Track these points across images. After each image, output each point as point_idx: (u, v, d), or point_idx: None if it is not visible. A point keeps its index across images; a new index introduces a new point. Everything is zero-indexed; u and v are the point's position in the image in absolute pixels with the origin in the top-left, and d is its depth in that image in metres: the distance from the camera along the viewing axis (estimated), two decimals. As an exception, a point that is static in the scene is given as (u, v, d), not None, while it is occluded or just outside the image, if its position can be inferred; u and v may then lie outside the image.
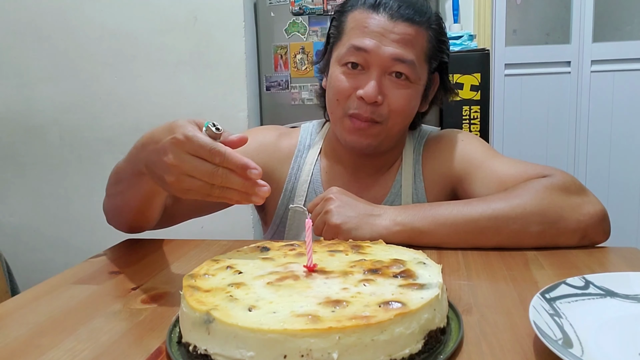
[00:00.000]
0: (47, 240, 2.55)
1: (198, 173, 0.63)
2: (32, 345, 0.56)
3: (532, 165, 0.91)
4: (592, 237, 0.82)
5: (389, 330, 0.45)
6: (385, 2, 0.92)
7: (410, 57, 0.92)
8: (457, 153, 1.00)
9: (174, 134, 0.64)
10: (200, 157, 0.63)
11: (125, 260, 0.85)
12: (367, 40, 0.91)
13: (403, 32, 0.91)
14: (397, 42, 0.91)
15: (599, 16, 2.69)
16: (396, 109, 0.94)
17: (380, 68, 0.92)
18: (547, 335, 0.47)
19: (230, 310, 0.48)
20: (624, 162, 2.73)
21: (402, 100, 0.94)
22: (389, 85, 0.93)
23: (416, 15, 0.93)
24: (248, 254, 0.65)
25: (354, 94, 0.93)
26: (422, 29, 0.94)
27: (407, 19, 0.92)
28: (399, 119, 0.96)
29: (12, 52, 2.45)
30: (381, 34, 0.91)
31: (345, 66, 0.94)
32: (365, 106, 0.92)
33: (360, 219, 0.82)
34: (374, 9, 0.93)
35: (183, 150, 0.63)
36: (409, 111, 0.97)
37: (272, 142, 1.07)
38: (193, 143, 0.63)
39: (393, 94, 0.93)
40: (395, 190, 1.02)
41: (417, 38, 0.93)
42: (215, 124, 0.66)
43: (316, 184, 1.04)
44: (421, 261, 0.60)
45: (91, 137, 2.44)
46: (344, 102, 0.94)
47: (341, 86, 0.94)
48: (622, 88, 2.70)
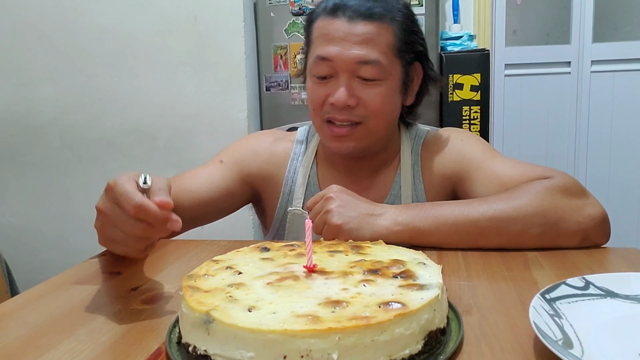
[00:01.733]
0: (46, 240, 2.55)
1: (116, 221, 0.64)
2: (32, 345, 0.56)
3: (532, 167, 0.91)
4: (593, 239, 0.82)
5: (389, 331, 0.45)
6: (342, 5, 0.92)
7: (374, 56, 0.91)
8: (456, 153, 1.00)
9: (109, 182, 0.65)
10: (120, 206, 0.62)
11: (125, 261, 0.84)
12: (329, 49, 0.91)
13: (363, 32, 0.90)
14: (359, 44, 0.90)
15: (599, 16, 2.69)
16: (373, 109, 0.93)
17: (347, 72, 0.91)
18: (547, 335, 0.47)
19: (230, 310, 0.48)
20: (624, 162, 2.73)
21: (377, 99, 0.93)
22: (360, 87, 0.92)
23: (376, 11, 0.91)
24: (248, 255, 0.65)
25: (327, 102, 0.93)
26: (384, 24, 0.92)
27: (366, 17, 0.91)
28: (379, 117, 0.95)
29: (12, 52, 2.45)
30: (342, 39, 0.91)
31: (315, 76, 0.95)
32: (339, 111, 0.93)
33: (361, 219, 0.81)
34: (333, 15, 0.92)
35: (109, 196, 0.64)
36: (388, 108, 0.96)
37: (267, 148, 1.07)
38: (115, 190, 0.63)
39: (366, 95, 0.92)
40: (394, 191, 1.02)
41: (380, 34, 0.91)
42: (145, 178, 0.64)
43: (313, 186, 1.04)
44: (421, 262, 0.60)
45: (91, 137, 2.44)
46: (319, 110, 0.95)
47: (314, 96, 0.95)
48: (622, 88, 2.70)
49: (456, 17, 2.53)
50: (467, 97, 2.21)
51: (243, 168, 1.04)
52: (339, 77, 0.92)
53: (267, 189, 1.07)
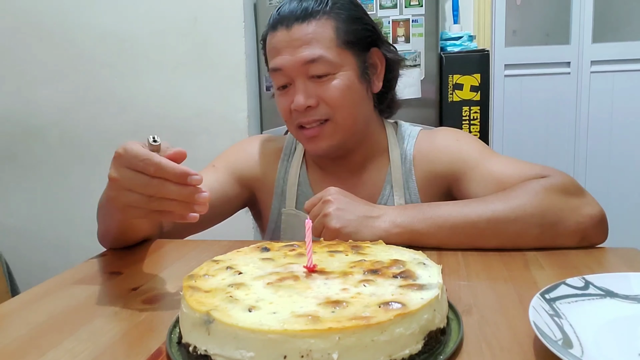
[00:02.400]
0: (47, 241, 2.55)
1: (134, 185, 0.63)
2: (32, 345, 0.56)
3: (529, 165, 0.91)
4: (591, 239, 0.82)
5: (388, 331, 0.45)
6: (280, 17, 0.95)
7: (318, 52, 0.92)
8: (452, 152, 0.99)
9: (117, 150, 0.65)
10: (136, 169, 0.63)
11: (126, 261, 0.85)
12: (276, 60, 0.95)
13: (302, 34, 0.93)
14: (301, 46, 0.93)
15: (598, 17, 2.69)
16: (334, 103, 0.94)
17: (301, 76, 0.94)
18: (547, 335, 0.47)
19: (230, 310, 0.48)
20: (624, 162, 2.73)
21: (335, 93, 0.94)
22: (315, 86, 0.94)
23: (309, 10, 0.94)
24: (248, 255, 0.65)
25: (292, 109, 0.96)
26: (321, 20, 0.94)
27: (301, 19, 0.93)
28: (345, 110, 0.95)
29: (12, 53, 2.45)
30: (285, 47, 0.94)
31: (277, 90, 0.98)
32: (303, 114, 0.94)
33: (360, 221, 0.81)
34: (274, 29, 0.96)
35: (121, 163, 0.64)
36: (349, 99, 0.96)
37: (258, 150, 1.09)
38: (128, 154, 0.63)
39: (323, 92, 0.94)
40: (386, 191, 1.02)
41: (319, 32, 0.93)
42: (155, 137, 0.65)
43: (305, 186, 1.05)
44: (421, 262, 0.60)
45: (91, 138, 2.44)
46: (289, 118, 0.98)
47: (282, 107, 0.98)
48: (622, 89, 2.69)
49: (456, 17, 2.53)
50: (466, 97, 2.21)
51: (236, 170, 1.05)
52: (294, 83, 0.95)
53: (260, 190, 1.08)
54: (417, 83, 2.20)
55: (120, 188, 0.65)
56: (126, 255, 0.88)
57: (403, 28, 2.21)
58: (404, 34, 2.21)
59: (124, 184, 0.64)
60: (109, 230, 0.87)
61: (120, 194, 0.65)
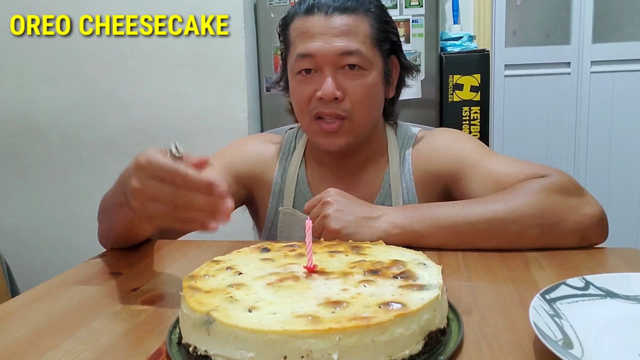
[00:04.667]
0: (47, 241, 2.55)
1: (160, 196, 0.62)
2: (32, 346, 0.56)
3: (528, 165, 0.91)
4: (591, 239, 0.82)
5: (389, 331, 0.45)
6: (317, 3, 0.94)
7: (355, 46, 0.92)
8: (450, 152, 0.99)
9: (138, 159, 0.63)
10: (162, 180, 0.62)
11: (126, 261, 0.85)
12: (309, 45, 0.92)
13: (341, 25, 0.92)
14: (338, 36, 0.92)
15: (598, 17, 2.69)
16: (358, 100, 0.94)
17: (331, 65, 0.92)
18: (547, 336, 0.47)
19: (230, 311, 0.48)
20: (624, 163, 2.73)
21: (362, 90, 0.94)
22: (345, 79, 0.93)
23: (349, 4, 0.93)
24: (248, 255, 0.65)
25: (314, 97, 0.94)
26: (360, 15, 0.94)
27: (342, 10, 0.93)
28: (364, 109, 0.95)
29: (12, 53, 2.45)
30: (321, 34, 0.92)
31: (299, 74, 0.95)
32: (327, 104, 0.93)
33: (359, 223, 0.81)
34: (309, 13, 0.94)
35: (145, 174, 0.63)
36: (372, 100, 0.97)
37: (256, 149, 1.09)
38: (154, 166, 0.62)
39: (351, 86, 0.93)
40: (384, 190, 1.02)
41: (357, 25, 0.93)
42: (177, 146, 0.64)
43: (303, 185, 1.05)
44: (421, 262, 0.60)
45: (91, 138, 2.44)
46: (306, 107, 0.96)
47: (300, 94, 0.96)
48: (622, 89, 2.70)
49: (456, 17, 2.53)
50: (467, 97, 2.21)
51: (233, 168, 1.05)
52: (323, 71, 0.93)
53: (258, 188, 1.08)
54: (417, 83, 2.20)
55: (144, 198, 0.63)
56: (126, 256, 0.88)
57: (403, 28, 2.20)
58: (404, 34, 2.21)
59: (148, 194, 0.63)
60: (114, 230, 0.87)
61: (145, 204, 0.64)
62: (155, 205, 0.63)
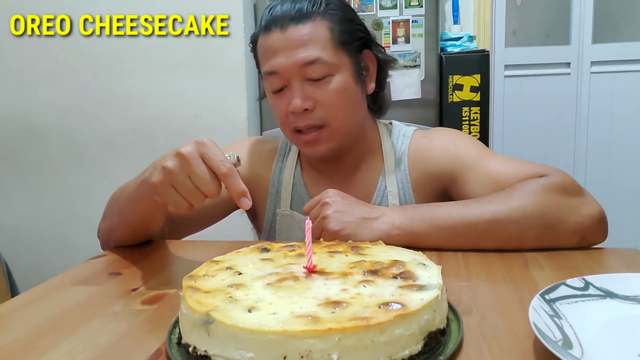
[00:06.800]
0: (47, 241, 2.55)
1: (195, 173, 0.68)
2: (32, 346, 0.56)
3: (527, 164, 0.90)
4: (591, 239, 0.82)
5: (388, 332, 0.45)
6: (273, 18, 0.93)
7: (315, 54, 0.91)
8: (448, 152, 0.99)
9: (200, 139, 0.71)
10: (211, 159, 0.69)
11: (125, 261, 0.85)
12: (272, 62, 0.93)
13: (298, 36, 0.91)
14: (297, 48, 0.91)
15: (598, 17, 2.69)
16: (332, 106, 0.93)
17: (296, 78, 0.92)
18: (546, 336, 0.47)
19: (230, 311, 0.48)
20: (624, 163, 2.73)
21: (332, 96, 0.93)
22: (313, 87, 0.92)
23: (303, 11, 0.92)
24: (248, 255, 0.65)
25: (289, 112, 0.94)
26: (315, 21, 0.92)
27: (296, 20, 0.91)
28: (340, 113, 0.95)
29: (12, 53, 2.45)
30: (281, 48, 0.92)
31: (272, 93, 0.96)
32: (300, 117, 0.93)
33: (359, 224, 0.81)
34: (268, 30, 0.93)
35: (196, 149, 0.69)
36: (346, 102, 0.95)
37: (253, 150, 1.09)
38: (208, 148, 0.69)
39: (321, 94, 0.92)
40: (380, 191, 1.02)
41: (314, 32, 0.92)
42: (238, 157, 0.75)
43: (299, 186, 1.05)
44: (421, 262, 0.60)
45: (91, 138, 2.44)
46: (285, 122, 0.96)
47: (277, 110, 0.97)
48: (622, 89, 2.70)
49: (456, 18, 2.53)
50: (466, 98, 2.21)
51: None
52: (291, 86, 0.93)
53: (255, 190, 1.07)
54: (417, 83, 2.20)
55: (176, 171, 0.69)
56: (126, 256, 0.88)
57: (403, 28, 2.20)
58: (404, 35, 2.21)
59: (184, 166, 0.69)
60: (127, 224, 0.87)
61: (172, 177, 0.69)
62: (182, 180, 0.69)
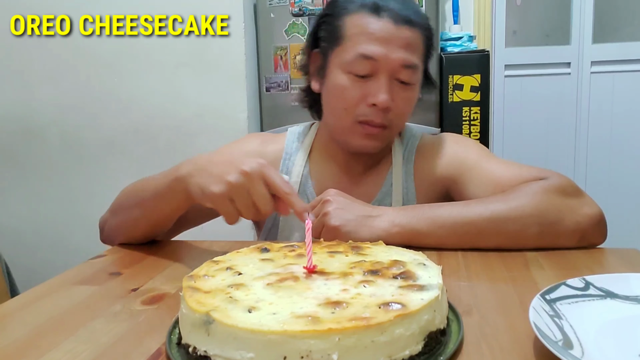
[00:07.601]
0: (47, 241, 2.55)
1: (254, 192, 0.70)
2: (32, 346, 0.56)
3: (527, 168, 0.91)
4: (590, 239, 0.82)
5: (388, 332, 0.45)
6: (386, 6, 0.91)
7: (416, 61, 0.93)
8: (450, 155, 1.01)
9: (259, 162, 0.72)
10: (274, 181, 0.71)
11: (125, 261, 0.85)
12: (374, 47, 0.90)
13: (407, 37, 0.91)
14: (403, 48, 0.91)
15: (598, 17, 2.69)
16: (401, 113, 0.95)
17: (389, 74, 0.92)
18: (547, 336, 0.47)
19: (230, 311, 0.48)
20: (624, 163, 2.73)
21: (407, 103, 0.96)
22: (397, 90, 0.93)
23: (414, 18, 0.93)
24: (248, 255, 0.65)
25: (363, 102, 0.92)
26: (420, 32, 0.94)
27: (408, 22, 0.91)
28: (402, 121, 0.99)
29: (12, 53, 2.45)
30: (388, 40, 0.90)
31: (351, 74, 0.92)
32: (377, 112, 0.92)
33: (359, 221, 0.82)
34: (375, 13, 0.91)
35: (262, 169, 0.71)
36: (410, 112, 0.99)
37: (257, 149, 1.07)
38: (269, 171, 0.71)
39: (400, 98, 0.94)
40: (385, 189, 1.02)
41: (418, 41, 0.94)
42: (288, 177, 0.79)
43: (306, 185, 1.05)
44: (421, 262, 0.60)
45: (91, 138, 2.44)
46: (352, 109, 0.93)
47: (350, 95, 0.93)
48: (622, 89, 2.70)
49: (456, 18, 2.52)
50: (467, 97, 2.21)
51: None
52: (378, 77, 0.91)
53: None
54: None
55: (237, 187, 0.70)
56: (126, 256, 0.88)
57: (403, 28, 2.21)
58: (404, 35, 2.21)
59: (245, 185, 0.70)
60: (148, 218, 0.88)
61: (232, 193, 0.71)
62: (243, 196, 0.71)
